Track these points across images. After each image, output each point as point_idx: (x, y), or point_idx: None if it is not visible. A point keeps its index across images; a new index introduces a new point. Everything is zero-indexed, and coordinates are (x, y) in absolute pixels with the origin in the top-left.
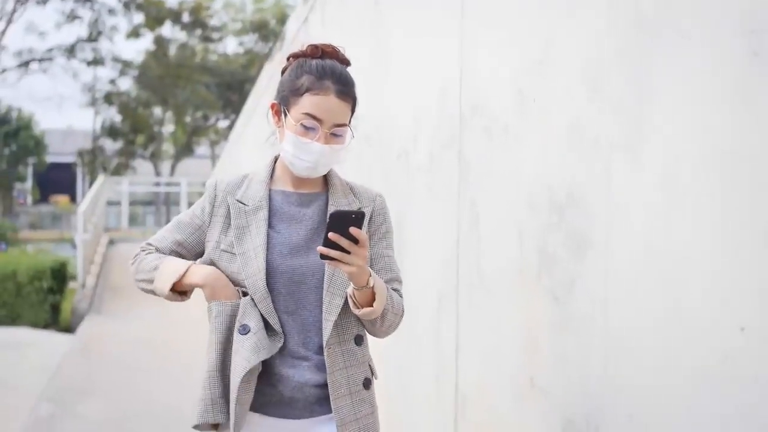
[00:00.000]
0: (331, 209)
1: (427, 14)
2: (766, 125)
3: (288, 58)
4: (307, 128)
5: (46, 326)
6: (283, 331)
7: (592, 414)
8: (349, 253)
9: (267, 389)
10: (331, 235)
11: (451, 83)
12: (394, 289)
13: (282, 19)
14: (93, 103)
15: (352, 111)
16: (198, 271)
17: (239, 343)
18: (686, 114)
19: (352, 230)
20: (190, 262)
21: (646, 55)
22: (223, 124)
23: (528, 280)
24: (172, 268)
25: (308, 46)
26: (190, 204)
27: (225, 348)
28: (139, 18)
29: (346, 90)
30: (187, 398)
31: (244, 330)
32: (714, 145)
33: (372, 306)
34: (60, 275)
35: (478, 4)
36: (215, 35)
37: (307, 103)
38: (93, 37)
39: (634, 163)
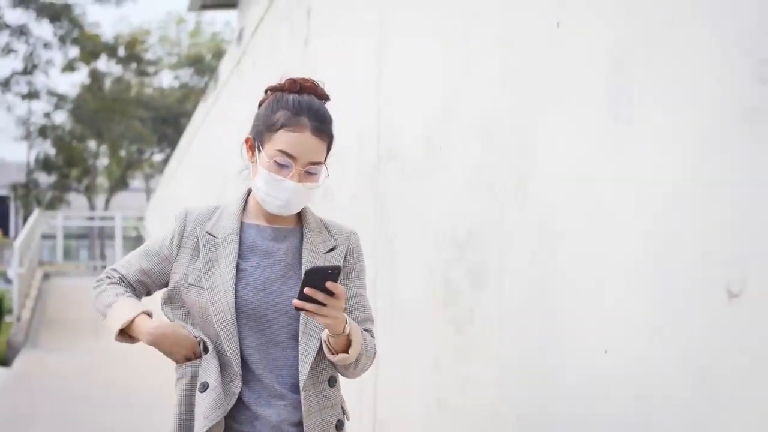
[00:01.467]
0: (304, 252)
1: (349, 63)
2: (624, 173)
3: (266, 92)
4: (280, 165)
5: None
6: (248, 369)
7: (490, 429)
8: (324, 305)
9: (246, 428)
10: (306, 290)
11: (369, 129)
12: (367, 330)
13: (218, 54)
14: (27, 136)
15: (329, 148)
16: (143, 327)
17: (199, 400)
18: (562, 163)
19: (329, 285)
20: (140, 309)
21: (530, 113)
22: (158, 157)
23: (435, 310)
24: (121, 313)
25: (287, 80)
26: (124, 238)
27: (186, 410)
28: (74, 52)
29: (322, 127)
30: (121, 425)
31: (203, 387)
32: (584, 189)
33: (347, 352)
34: None
35: (393, 60)
36: (150, 69)
37: (281, 139)
38: (28, 71)
39: (521, 205)
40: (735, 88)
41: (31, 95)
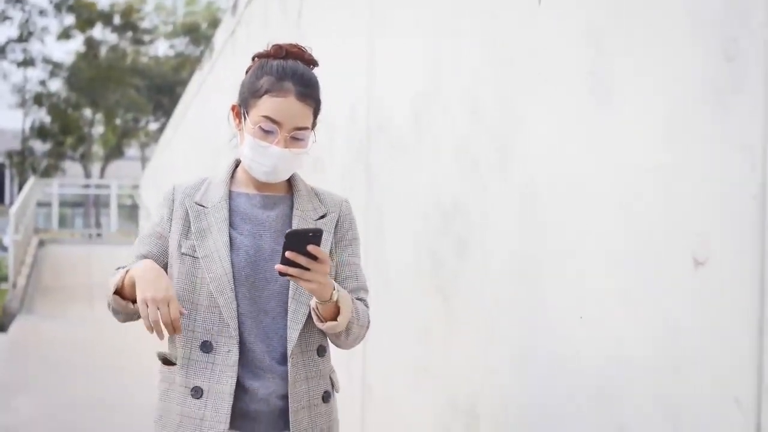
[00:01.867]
0: (294, 219)
1: (341, 38)
2: (600, 148)
3: (253, 59)
4: (265, 131)
5: None
6: (242, 339)
7: (472, 394)
8: (308, 270)
9: (234, 402)
10: (288, 254)
11: (360, 103)
12: (360, 299)
13: (213, 23)
14: (23, 104)
15: (315, 113)
16: (135, 268)
17: (197, 408)
18: (543, 139)
19: (310, 248)
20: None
21: (514, 91)
22: (153, 126)
23: (422, 279)
24: (118, 275)
25: (272, 45)
26: (120, 206)
27: (163, 415)
28: (69, 19)
29: (307, 92)
30: (113, 392)
31: (198, 393)
32: (564, 164)
33: (336, 320)
34: None
35: (383, 36)
36: (146, 38)
37: (265, 105)
38: (23, 38)
39: (503, 179)
40: (705, 66)
41: (27, 63)
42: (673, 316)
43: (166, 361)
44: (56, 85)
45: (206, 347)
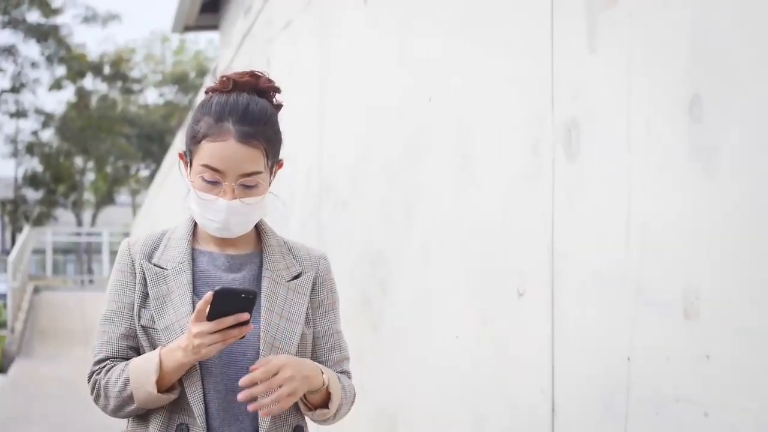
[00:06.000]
0: (264, 281)
1: (300, 111)
2: (464, 209)
3: (206, 92)
4: (209, 182)
5: None
6: (209, 423)
7: (396, 405)
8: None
9: None
10: (215, 322)
11: (313, 168)
12: (344, 371)
13: (201, 72)
14: (15, 153)
15: (269, 153)
16: (171, 350)
17: None
18: (433, 200)
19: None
20: (156, 350)
21: (413, 163)
22: (143, 173)
23: (357, 314)
24: (144, 366)
25: (221, 77)
26: (112, 252)
27: None
28: (61, 71)
29: (251, 131)
30: (104, 420)
31: None
32: (445, 221)
33: (327, 407)
34: None
35: (330, 116)
36: (135, 87)
37: (204, 152)
38: (16, 90)
39: (409, 232)
40: (526, 157)
41: (19, 114)
42: (504, 333)
43: None
44: (48, 135)
45: (182, 430)
